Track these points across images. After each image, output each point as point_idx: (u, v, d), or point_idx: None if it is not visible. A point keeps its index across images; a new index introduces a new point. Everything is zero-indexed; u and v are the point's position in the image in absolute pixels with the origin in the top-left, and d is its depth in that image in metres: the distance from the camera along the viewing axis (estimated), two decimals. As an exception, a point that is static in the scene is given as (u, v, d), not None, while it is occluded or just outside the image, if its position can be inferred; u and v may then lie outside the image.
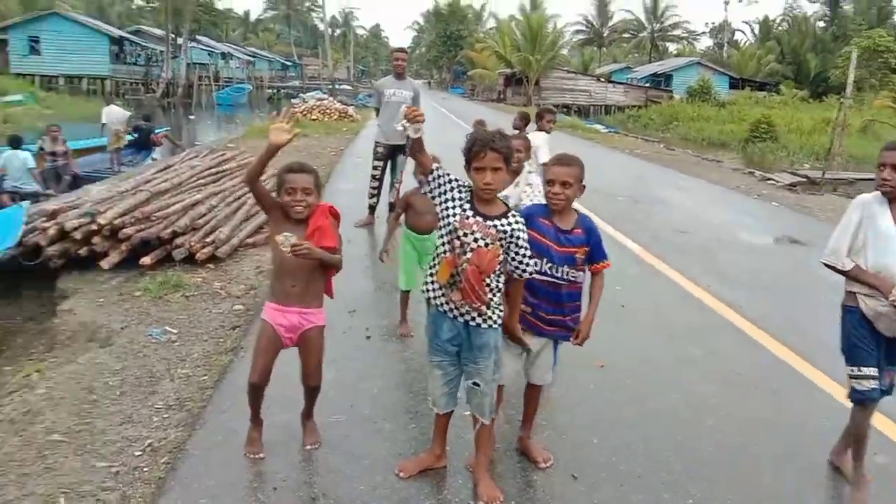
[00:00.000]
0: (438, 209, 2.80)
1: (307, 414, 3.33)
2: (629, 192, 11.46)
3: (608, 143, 22.33)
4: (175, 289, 5.55)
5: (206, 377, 4.01)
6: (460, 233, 2.70)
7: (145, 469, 3.07)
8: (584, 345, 3.13)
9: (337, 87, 44.96)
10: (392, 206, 8.05)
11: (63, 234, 6.10)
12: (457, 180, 2.80)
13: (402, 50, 8.06)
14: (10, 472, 3.07)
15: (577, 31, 75.41)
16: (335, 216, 3.12)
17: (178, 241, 6.25)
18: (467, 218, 2.71)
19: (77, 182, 10.99)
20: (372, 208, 7.99)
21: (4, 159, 10.20)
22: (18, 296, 6.47)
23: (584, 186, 3.02)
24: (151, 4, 51.45)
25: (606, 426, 3.63)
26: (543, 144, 6.75)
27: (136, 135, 14.07)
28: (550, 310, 3.04)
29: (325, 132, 19.91)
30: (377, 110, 7.90)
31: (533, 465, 3.19)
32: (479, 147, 2.67)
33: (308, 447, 3.26)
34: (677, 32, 73.09)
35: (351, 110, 25.95)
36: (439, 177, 2.80)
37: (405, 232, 4.69)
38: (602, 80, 53.50)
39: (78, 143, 12.84)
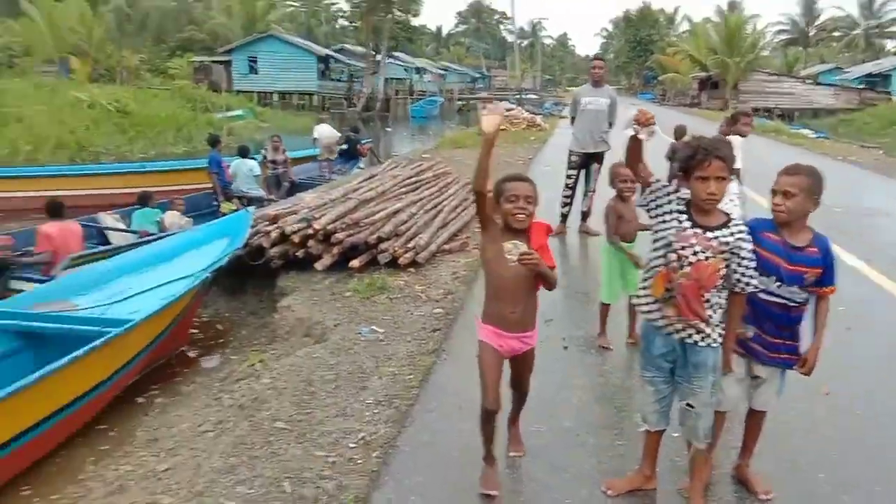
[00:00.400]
0: (654, 222, 2.71)
1: (513, 419, 3.32)
2: (846, 203, 10.39)
3: (817, 148, 20.41)
4: (380, 291, 5.86)
5: (411, 376, 4.18)
6: (677, 246, 2.59)
7: (359, 461, 3.26)
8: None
9: (524, 96, 45.33)
10: (585, 216, 7.97)
11: (283, 237, 6.69)
12: (675, 191, 2.68)
13: (599, 58, 7.96)
14: (242, 453, 3.40)
15: (780, 31, 69.77)
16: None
17: (383, 246, 6.60)
18: (685, 230, 2.59)
19: (293, 188, 12.06)
20: (564, 217, 7.93)
21: (234, 167, 11.43)
22: (244, 292, 7.21)
23: (818, 201, 2.75)
24: (354, 24, 55.08)
25: (834, 460, 3.30)
26: (737, 149, 6.31)
27: (346, 146, 15.13)
28: (776, 333, 2.81)
29: (512, 142, 20.09)
30: (572, 119, 7.84)
31: (752, 496, 2.97)
32: (703, 155, 2.53)
33: (512, 454, 3.28)
34: (896, 28, 65.23)
35: (538, 119, 26.01)
36: (658, 189, 2.69)
37: (606, 245, 4.60)
38: (808, 81, 49.11)
39: (294, 153, 14.05)
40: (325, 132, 14.82)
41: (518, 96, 42.25)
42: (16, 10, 36.15)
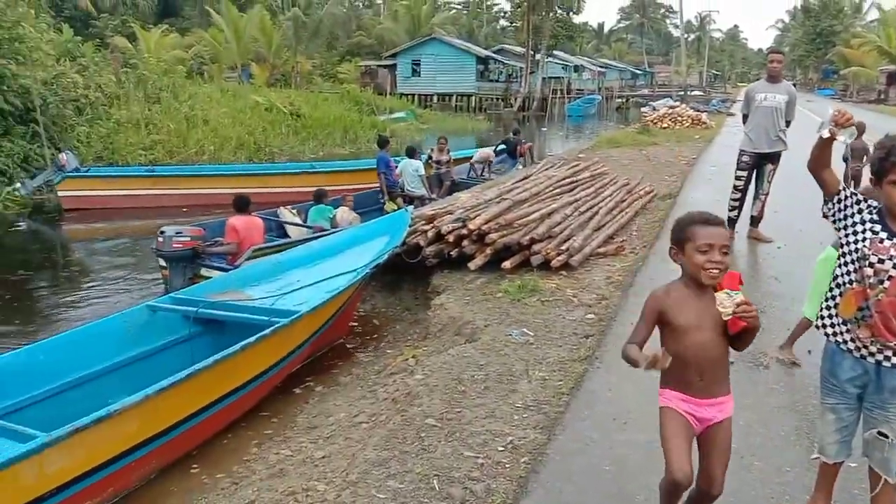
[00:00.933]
0: (841, 234, 2.44)
1: None
2: None
3: None
4: (531, 293, 5.80)
5: (561, 382, 4.10)
6: (873, 259, 2.31)
7: (507, 465, 3.23)
8: None
9: (688, 93, 43.27)
10: (755, 221, 7.43)
11: (438, 237, 6.83)
12: (865, 200, 2.41)
13: (777, 51, 7.38)
14: (394, 447, 3.48)
15: None
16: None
17: (536, 247, 6.53)
18: (881, 241, 2.31)
19: (453, 188, 12.38)
20: (731, 221, 7.42)
21: (401, 166, 11.89)
22: (400, 289, 7.45)
23: None
24: (514, 24, 55.27)
25: None
26: None
27: (504, 146, 15.26)
28: None
29: (675, 140, 19.25)
30: (745, 116, 7.33)
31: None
32: None
33: None
34: None
35: (704, 117, 24.70)
36: (846, 197, 2.43)
37: (825, 256, 4.20)
38: None
39: (456, 154, 14.39)
40: (484, 153, 14.94)
41: (682, 93, 40.40)
42: (207, 22, 39.87)
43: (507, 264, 6.42)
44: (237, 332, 4.83)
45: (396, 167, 11.91)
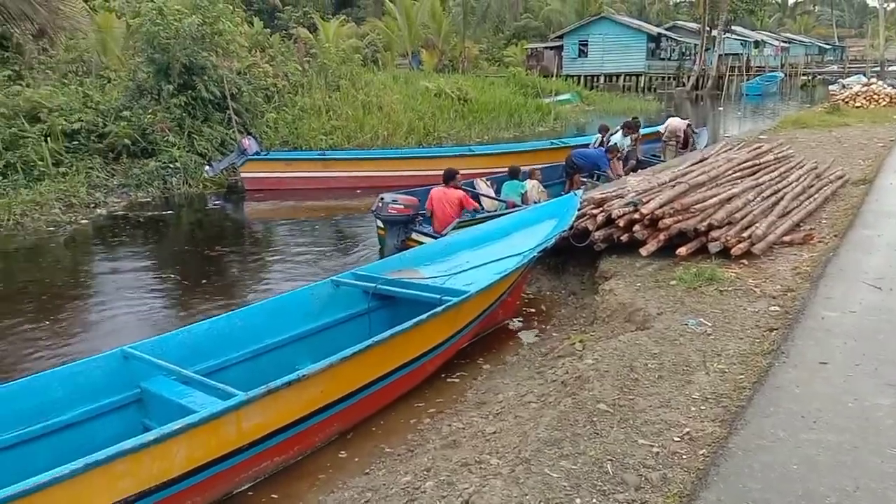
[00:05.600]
0: None
1: None
2: None
3: None
4: (709, 281, 5.55)
5: (742, 376, 3.90)
6: None
7: (684, 456, 3.14)
8: None
9: (885, 68, 38.88)
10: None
11: (608, 221, 6.70)
12: None
13: None
14: (566, 428, 3.50)
15: None
16: None
17: (714, 234, 6.23)
18: None
19: (638, 166, 12.27)
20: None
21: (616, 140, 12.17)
22: (565, 272, 7.40)
23: None
24: (689, -1, 52.48)
25: None
26: None
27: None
28: None
29: (870, 121, 17.50)
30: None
31: None
32: None
33: None
34: None
35: (904, 94, 22.16)
36: None
37: None
38: None
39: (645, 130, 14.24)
40: (674, 124, 14.52)
41: (877, 69, 36.37)
42: (381, 11, 41.48)
43: (682, 251, 6.18)
44: (411, 308, 5.05)
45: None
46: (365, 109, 18.85)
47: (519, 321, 6.45)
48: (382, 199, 8.26)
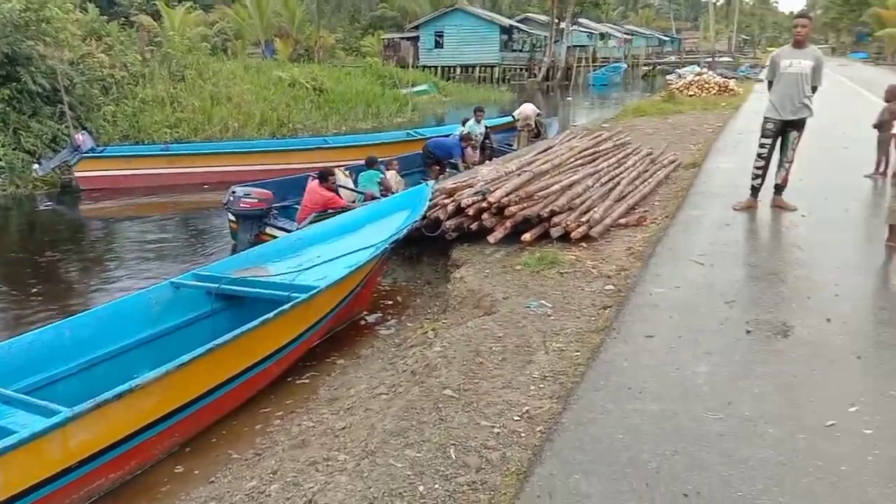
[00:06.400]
0: None
1: None
2: None
3: None
4: (551, 265, 5.80)
5: (578, 353, 4.11)
6: None
7: (523, 434, 3.27)
8: None
9: (716, 59, 42.33)
10: (779, 189, 7.31)
11: (458, 210, 6.83)
12: None
13: (803, 15, 7.18)
14: (412, 417, 3.54)
15: None
16: None
17: (556, 219, 6.51)
18: None
19: (493, 153, 12.82)
20: (755, 190, 7.33)
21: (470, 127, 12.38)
22: (421, 262, 7.48)
23: None
24: (539, -8, 54.41)
25: None
26: None
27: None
28: None
29: (702, 108, 18.94)
30: (770, 83, 7.18)
31: None
32: None
33: None
34: None
35: (732, 83, 24.21)
36: None
37: None
38: None
39: (490, 122, 14.57)
40: (527, 109, 15.04)
41: (709, 59, 39.55)
42: (230, -1, 39.92)
43: (526, 237, 6.42)
44: (258, 308, 4.91)
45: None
46: (213, 100, 18.10)
47: (375, 314, 6.46)
48: (234, 192, 8.19)
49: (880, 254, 5.81)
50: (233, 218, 8.53)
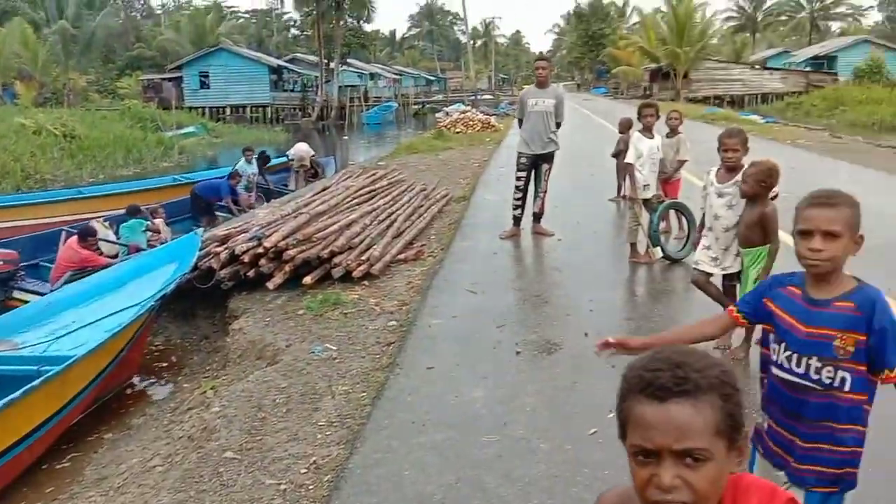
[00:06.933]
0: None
1: None
2: (791, 188, 10.57)
3: (766, 134, 20.74)
4: (334, 306, 5.78)
5: (364, 394, 4.12)
6: None
7: (311, 487, 3.19)
8: None
9: (479, 97, 45.50)
10: (537, 217, 7.97)
11: (233, 258, 6.57)
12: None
13: (543, 58, 7.99)
14: (189, 487, 3.31)
15: (728, 18, 71.33)
16: None
17: (336, 260, 6.51)
18: None
19: (270, 195, 12.60)
20: (516, 219, 7.93)
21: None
22: (195, 316, 7.06)
23: (863, 238, 1.93)
24: (306, 33, 54.72)
25: None
26: (637, 142, 6.60)
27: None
28: (787, 426, 2.00)
29: (468, 144, 20.17)
30: (520, 120, 7.85)
31: None
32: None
33: None
34: (841, 9, 67.33)
35: (493, 120, 26.11)
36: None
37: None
38: (757, 67, 50.28)
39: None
40: (301, 149, 14.96)
41: (473, 97, 42.41)
42: (-46, 37, 35.27)
43: (307, 280, 6.33)
44: (3, 387, 4.31)
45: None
46: (-60, 153, 15.79)
47: (146, 377, 5.97)
48: None
49: (625, 269, 6.56)
50: None
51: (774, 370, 2.00)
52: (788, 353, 1.95)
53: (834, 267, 1.90)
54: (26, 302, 6.92)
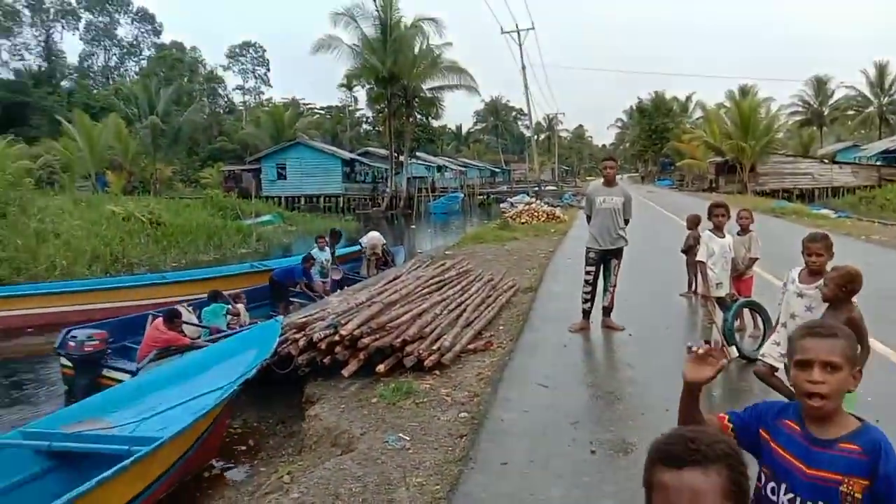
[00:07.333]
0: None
1: None
2: (875, 286, 10.24)
3: (839, 229, 20.28)
4: (406, 395, 5.87)
5: (438, 486, 4.15)
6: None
7: (388, 579, 3.22)
8: None
9: (542, 188, 46.15)
10: (607, 311, 7.98)
11: (310, 344, 6.80)
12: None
13: (610, 158, 8.18)
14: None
15: (794, 113, 71.12)
16: None
17: (408, 348, 6.66)
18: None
19: (344, 283, 12.98)
20: (586, 313, 7.96)
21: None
22: (272, 401, 7.26)
23: (861, 373, 1.92)
24: (378, 129, 57.22)
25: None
26: (709, 241, 6.60)
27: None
28: None
29: (534, 234, 20.39)
30: (588, 217, 8.00)
31: None
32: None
33: None
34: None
35: (558, 211, 26.42)
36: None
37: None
38: (826, 161, 49.60)
39: (340, 251, 14.90)
40: (374, 237, 15.61)
41: (536, 188, 43.04)
42: (57, 131, 38.36)
43: (380, 368, 6.47)
44: (95, 465, 4.54)
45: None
46: (39, 237, 16.97)
47: (225, 460, 6.12)
48: (73, 335, 7.88)
49: (698, 367, 6.45)
50: (66, 363, 8.04)
51: None
52: (791, 495, 1.83)
53: (835, 405, 1.82)
54: (115, 380, 7.28)
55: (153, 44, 71.30)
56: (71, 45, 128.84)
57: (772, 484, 1.88)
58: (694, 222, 9.97)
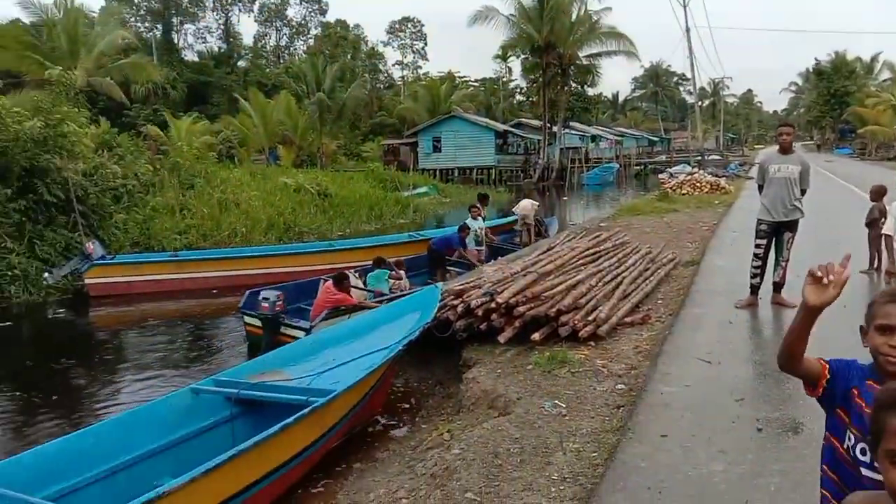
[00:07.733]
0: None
1: None
2: None
3: None
4: (561, 364, 5.93)
5: (595, 454, 4.19)
6: None
7: (547, 536, 3.33)
8: None
9: (706, 157, 43.74)
10: (777, 287, 7.52)
11: (468, 311, 7.02)
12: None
13: (786, 124, 7.63)
14: (436, 520, 3.60)
15: None
16: None
17: (563, 318, 6.69)
18: None
19: (498, 252, 13.20)
20: (754, 288, 7.55)
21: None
22: (432, 363, 7.59)
23: None
24: (531, 99, 56.75)
25: None
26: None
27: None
28: None
29: (695, 206, 19.47)
30: (760, 187, 7.55)
31: None
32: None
33: None
34: None
35: (723, 182, 24.96)
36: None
37: None
38: None
39: (492, 223, 15.39)
40: (525, 205, 15.78)
41: (699, 158, 40.89)
42: (234, 108, 41.63)
43: (535, 336, 6.57)
44: (276, 412, 5.01)
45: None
46: (221, 207, 18.63)
47: (389, 415, 6.51)
48: (266, 296, 8.52)
49: (881, 349, 5.96)
50: (251, 321, 8.78)
51: (866, 471, 1.83)
52: None
53: None
54: (292, 337, 7.93)
55: (319, 23, 74.90)
56: (246, 26, 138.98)
57: (862, 444, 1.86)
58: (879, 193, 9.11)
